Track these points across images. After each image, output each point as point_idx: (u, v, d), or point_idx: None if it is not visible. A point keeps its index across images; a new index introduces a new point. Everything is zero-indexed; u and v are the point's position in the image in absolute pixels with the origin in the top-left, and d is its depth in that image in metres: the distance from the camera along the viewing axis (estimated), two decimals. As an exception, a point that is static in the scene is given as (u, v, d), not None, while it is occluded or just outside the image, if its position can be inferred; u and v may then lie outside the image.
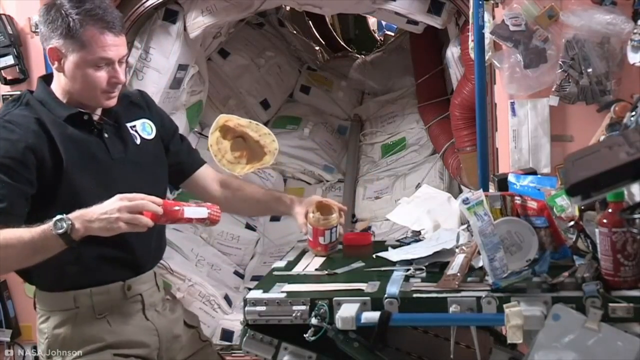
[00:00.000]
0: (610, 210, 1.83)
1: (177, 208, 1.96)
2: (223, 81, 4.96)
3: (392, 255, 2.23)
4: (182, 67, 3.81)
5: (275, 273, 2.20)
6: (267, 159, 2.37)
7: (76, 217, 1.86)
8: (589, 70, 2.69)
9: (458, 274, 1.96)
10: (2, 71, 3.24)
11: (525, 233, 1.94)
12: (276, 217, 4.65)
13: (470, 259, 2.06)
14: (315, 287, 2.01)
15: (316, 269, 2.22)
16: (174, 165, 2.30)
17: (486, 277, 1.91)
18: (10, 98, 2.19)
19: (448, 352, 1.99)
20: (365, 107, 5.35)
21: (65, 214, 1.86)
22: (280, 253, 4.27)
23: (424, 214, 2.62)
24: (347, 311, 1.86)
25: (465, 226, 2.38)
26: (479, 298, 1.84)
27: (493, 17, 2.81)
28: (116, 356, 2.06)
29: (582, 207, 2.01)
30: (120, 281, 2.09)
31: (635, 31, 2.61)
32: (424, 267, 2.08)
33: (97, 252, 2.02)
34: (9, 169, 1.93)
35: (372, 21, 7.21)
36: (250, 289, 2.16)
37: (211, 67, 4.74)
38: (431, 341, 2.22)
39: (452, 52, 3.65)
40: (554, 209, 2.08)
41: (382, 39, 7.07)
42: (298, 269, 2.23)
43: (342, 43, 6.88)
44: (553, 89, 2.76)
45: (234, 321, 3.69)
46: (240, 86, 5.00)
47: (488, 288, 1.87)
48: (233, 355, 3.53)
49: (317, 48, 6.21)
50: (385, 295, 1.89)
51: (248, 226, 4.51)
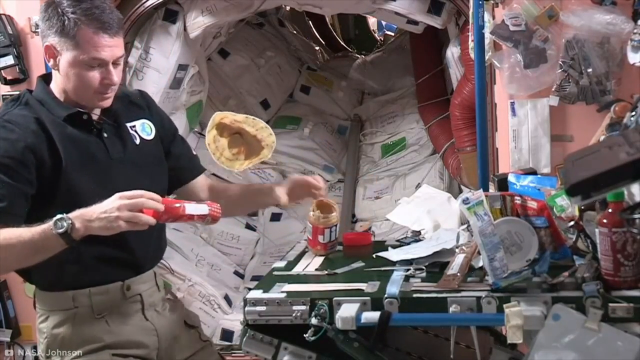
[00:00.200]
0: (610, 210, 1.83)
1: (178, 205, 1.94)
2: (223, 81, 4.96)
3: (392, 255, 2.23)
4: (182, 67, 3.81)
5: (275, 273, 2.20)
6: (265, 153, 2.36)
7: (76, 217, 1.85)
8: (589, 70, 2.69)
9: (458, 274, 1.96)
10: (2, 71, 3.24)
11: (525, 233, 1.94)
12: (276, 217, 4.65)
13: (470, 259, 2.06)
14: (315, 287, 2.02)
15: (316, 269, 2.22)
16: (174, 169, 2.26)
17: (486, 277, 1.91)
18: (9, 98, 2.18)
19: (448, 352, 1.99)
20: (365, 107, 5.35)
21: (65, 214, 1.85)
22: (280, 253, 4.28)
23: (424, 214, 2.63)
24: (347, 311, 1.86)
25: (465, 226, 2.38)
26: (479, 298, 1.83)
27: (493, 17, 2.81)
28: (114, 356, 2.05)
29: (582, 207, 2.01)
30: (119, 281, 2.09)
31: (635, 31, 2.61)
32: (424, 267, 2.08)
33: (97, 252, 2.02)
34: (9, 169, 1.92)
35: (372, 21, 7.20)
36: (250, 289, 2.16)
37: (211, 67, 4.74)
38: (431, 341, 2.22)
39: (452, 52, 3.65)
40: (554, 209, 2.08)
41: (382, 39, 7.06)
42: (298, 269, 2.23)
43: (342, 43, 6.87)
44: (553, 89, 2.76)
45: (234, 321, 3.69)
46: (240, 86, 5.00)
47: (488, 288, 1.87)
48: (233, 355, 3.53)
49: (317, 48, 6.20)
50: (385, 295, 1.89)
51: (248, 226, 4.50)
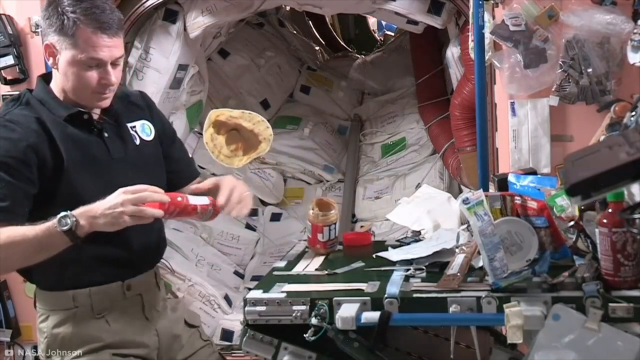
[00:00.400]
0: (610, 210, 1.83)
1: (180, 199, 1.96)
2: (223, 81, 4.96)
3: (392, 255, 2.23)
4: (182, 67, 3.81)
5: (275, 273, 2.20)
6: (263, 147, 2.36)
7: (80, 214, 1.86)
8: (589, 70, 2.69)
9: (458, 274, 1.96)
10: (2, 71, 3.24)
11: (525, 233, 1.94)
12: (276, 217, 4.65)
13: (470, 259, 2.06)
14: (315, 287, 2.02)
15: (316, 269, 2.22)
16: (172, 172, 2.26)
17: (486, 277, 1.91)
18: (9, 98, 2.18)
19: (448, 352, 1.99)
20: (365, 107, 5.35)
21: (69, 211, 1.86)
22: (280, 253, 4.27)
23: (424, 214, 2.63)
24: (347, 311, 1.86)
25: (465, 226, 2.38)
26: (479, 298, 1.84)
27: (493, 17, 2.81)
28: (115, 356, 2.05)
29: (582, 207, 2.01)
30: (119, 281, 2.09)
31: (635, 31, 2.61)
32: (424, 267, 2.08)
33: (97, 252, 2.02)
34: (11, 168, 1.93)
35: (372, 21, 7.20)
36: (250, 289, 2.16)
37: (211, 67, 4.73)
38: (431, 341, 2.22)
39: (452, 52, 3.65)
40: (554, 209, 2.08)
41: (382, 39, 7.06)
42: (298, 269, 2.23)
43: (342, 43, 6.86)
44: (553, 89, 2.76)
45: (234, 321, 3.69)
46: (240, 86, 5.00)
47: (488, 288, 1.87)
48: (233, 355, 3.53)
49: (317, 48, 6.20)
50: (385, 295, 1.89)
51: (248, 226, 4.50)
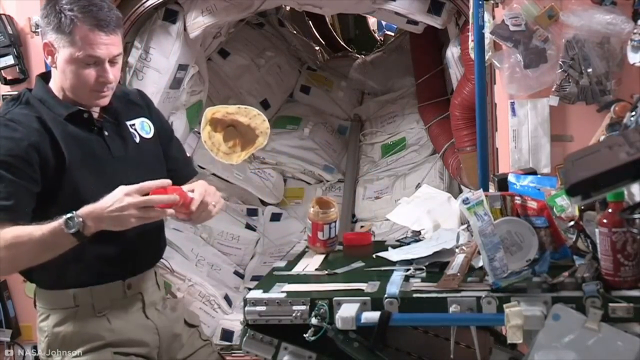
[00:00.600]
0: (610, 210, 1.83)
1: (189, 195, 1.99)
2: (223, 81, 4.95)
3: (392, 255, 2.23)
4: (182, 67, 3.81)
5: (275, 273, 2.20)
6: (261, 141, 2.36)
7: (86, 215, 1.87)
8: (589, 70, 2.69)
9: (458, 274, 1.96)
10: (2, 71, 3.24)
11: (525, 233, 1.94)
12: (276, 217, 4.65)
13: (470, 259, 2.06)
14: (315, 287, 2.02)
15: (316, 269, 2.22)
16: (170, 171, 2.25)
17: (486, 277, 1.91)
18: (9, 97, 2.19)
19: (448, 352, 1.99)
20: (365, 107, 5.34)
21: (74, 212, 1.86)
22: (280, 253, 4.28)
23: (424, 214, 2.63)
24: (347, 311, 1.86)
25: (465, 226, 2.38)
26: (479, 298, 1.84)
27: (493, 17, 2.80)
28: (116, 354, 2.06)
29: (582, 207, 2.01)
30: (120, 280, 2.09)
31: (635, 31, 2.61)
32: (424, 267, 2.08)
33: (98, 251, 2.02)
34: (14, 167, 1.93)
35: (372, 21, 7.19)
36: (250, 289, 2.16)
37: (211, 67, 4.73)
38: (431, 341, 2.22)
39: (452, 52, 3.65)
40: (554, 209, 2.08)
41: (382, 39, 7.05)
42: (298, 269, 2.23)
43: (342, 43, 6.86)
44: (553, 89, 2.76)
45: (234, 321, 3.69)
46: (240, 86, 5.00)
47: (488, 288, 1.87)
48: (233, 355, 3.52)
49: (317, 48, 6.19)
50: (385, 295, 1.89)
51: (248, 226, 4.50)
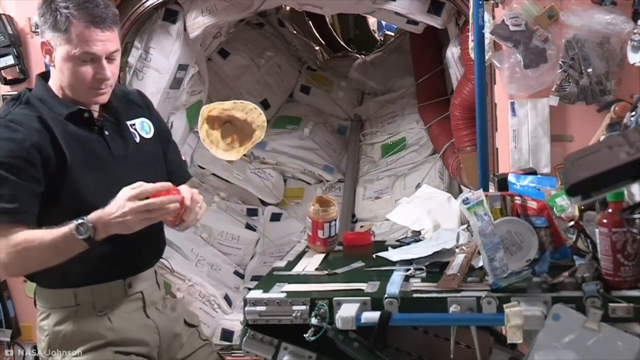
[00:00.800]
0: (610, 210, 1.83)
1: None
2: (223, 81, 4.95)
3: (392, 255, 2.23)
4: (182, 67, 3.81)
5: (275, 273, 2.20)
6: (258, 134, 2.36)
7: (96, 220, 1.89)
8: (589, 70, 2.69)
9: (458, 274, 1.96)
10: (2, 71, 3.24)
11: (525, 233, 1.94)
12: (276, 217, 4.65)
13: (470, 259, 2.06)
14: (315, 287, 2.02)
15: (316, 269, 2.22)
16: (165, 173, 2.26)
17: (486, 277, 1.91)
18: (9, 97, 2.18)
19: (448, 352, 1.99)
20: (365, 107, 5.34)
21: (85, 217, 1.88)
22: (280, 253, 4.28)
23: (424, 214, 2.63)
24: (347, 311, 1.86)
25: (465, 226, 2.38)
26: (479, 298, 1.84)
27: (493, 17, 2.81)
28: (117, 354, 2.06)
29: (582, 207, 2.01)
30: (121, 279, 2.10)
31: (635, 31, 2.61)
32: (424, 267, 2.08)
33: (99, 251, 2.01)
34: (17, 169, 1.93)
35: (372, 21, 7.19)
36: (250, 289, 2.16)
37: (211, 67, 4.73)
38: (431, 341, 2.22)
39: (452, 52, 3.65)
40: (554, 209, 2.08)
41: (382, 39, 7.05)
42: (298, 269, 2.23)
43: (342, 43, 6.86)
44: (553, 89, 2.76)
45: (234, 321, 3.69)
46: (240, 86, 4.99)
47: (488, 288, 1.87)
48: (233, 355, 3.53)
49: (317, 48, 6.20)
50: (385, 295, 1.89)
51: (248, 226, 4.50)
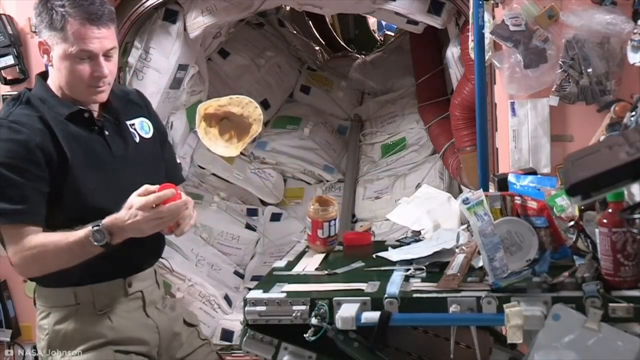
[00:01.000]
0: (610, 210, 1.83)
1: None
2: (223, 81, 4.95)
3: (392, 255, 2.22)
4: (182, 67, 3.81)
5: (275, 273, 2.20)
6: (255, 128, 2.36)
7: (111, 226, 1.91)
8: (589, 70, 2.69)
9: (458, 274, 1.96)
10: (2, 71, 3.24)
11: (525, 233, 1.94)
12: (276, 217, 4.65)
13: (470, 259, 2.06)
14: (315, 287, 2.02)
15: (316, 269, 2.22)
16: None
17: (486, 277, 1.91)
18: (9, 97, 2.18)
19: (448, 352, 1.99)
20: (365, 107, 5.34)
21: (100, 223, 1.90)
22: (280, 253, 4.27)
23: (424, 214, 2.62)
24: (347, 311, 1.86)
25: (465, 226, 2.38)
26: (479, 298, 1.83)
27: (493, 17, 2.80)
28: (117, 352, 2.06)
29: (582, 207, 2.01)
30: (121, 278, 2.10)
31: (635, 31, 2.61)
32: (424, 267, 2.08)
33: (99, 250, 2.03)
34: (22, 170, 1.93)
35: (372, 21, 7.19)
36: (250, 289, 2.16)
37: (211, 67, 4.73)
38: (431, 341, 2.22)
39: (452, 52, 3.65)
40: (554, 209, 2.07)
41: (382, 39, 7.05)
42: (298, 269, 2.23)
43: (342, 43, 6.86)
44: (553, 89, 2.76)
45: (234, 321, 3.69)
46: (240, 86, 4.99)
47: (488, 288, 1.87)
48: (233, 355, 3.53)
49: (317, 48, 6.19)
50: (385, 295, 1.89)
51: (248, 226, 4.50)
